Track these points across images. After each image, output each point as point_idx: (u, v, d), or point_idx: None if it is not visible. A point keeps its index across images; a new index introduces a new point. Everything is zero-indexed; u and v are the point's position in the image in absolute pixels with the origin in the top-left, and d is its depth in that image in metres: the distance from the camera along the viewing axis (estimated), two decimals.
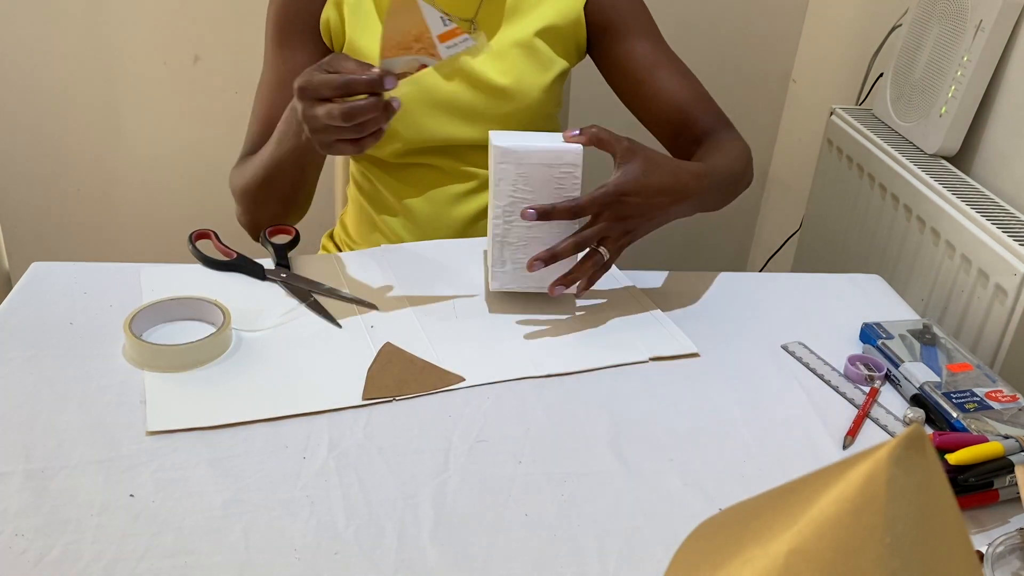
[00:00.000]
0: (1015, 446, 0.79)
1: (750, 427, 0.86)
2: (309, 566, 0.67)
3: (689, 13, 1.93)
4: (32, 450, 0.75)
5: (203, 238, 1.05)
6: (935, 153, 1.35)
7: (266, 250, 1.06)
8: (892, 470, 0.41)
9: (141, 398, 0.82)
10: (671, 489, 0.77)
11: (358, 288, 1.01)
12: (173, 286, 0.98)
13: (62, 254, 1.94)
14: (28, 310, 0.93)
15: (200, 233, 1.05)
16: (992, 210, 1.20)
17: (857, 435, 0.86)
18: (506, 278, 0.98)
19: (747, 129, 2.09)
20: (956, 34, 1.31)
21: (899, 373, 0.94)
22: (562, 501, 0.75)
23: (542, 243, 0.95)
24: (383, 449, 0.78)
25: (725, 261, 2.24)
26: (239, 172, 1.14)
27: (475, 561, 0.68)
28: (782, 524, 0.44)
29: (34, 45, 1.75)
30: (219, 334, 0.88)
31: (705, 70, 2.00)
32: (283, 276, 1.00)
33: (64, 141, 1.85)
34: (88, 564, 0.65)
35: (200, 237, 1.05)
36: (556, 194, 0.94)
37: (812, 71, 1.97)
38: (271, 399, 0.83)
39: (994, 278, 1.13)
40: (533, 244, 0.96)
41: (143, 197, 1.93)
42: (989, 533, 0.75)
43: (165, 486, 0.72)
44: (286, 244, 1.06)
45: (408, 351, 0.91)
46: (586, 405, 0.87)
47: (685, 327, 0.99)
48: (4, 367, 0.84)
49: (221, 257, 1.03)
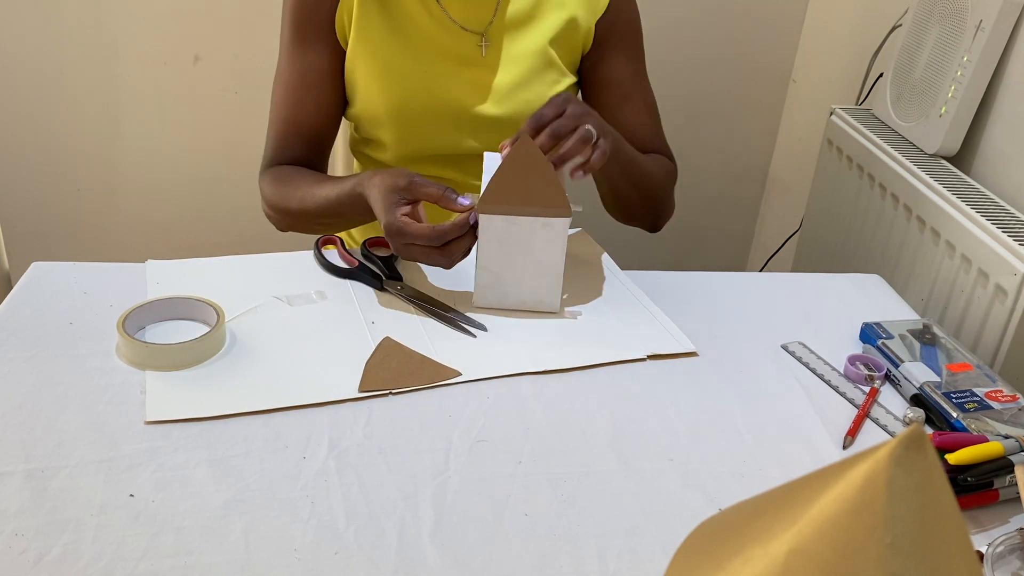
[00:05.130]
0: (1015, 446, 0.79)
1: (750, 427, 0.86)
2: (309, 566, 0.67)
3: (689, 13, 1.93)
4: (32, 450, 0.75)
5: (329, 244, 1.08)
6: (935, 153, 1.35)
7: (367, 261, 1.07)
8: (892, 470, 0.41)
9: (141, 398, 0.82)
10: (671, 489, 0.77)
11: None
12: (180, 281, 0.99)
13: (62, 254, 1.93)
14: (28, 310, 0.93)
15: (326, 239, 1.08)
16: (992, 210, 1.20)
17: (857, 435, 0.86)
18: (489, 296, 0.99)
19: (747, 129, 2.10)
20: (956, 34, 1.31)
21: (899, 373, 0.94)
22: (562, 501, 0.75)
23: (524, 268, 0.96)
24: (383, 449, 0.78)
25: (725, 261, 2.24)
26: (276, 189, 1.14)
27: (475, 561, 0.68)
28: (782, 524, 0.44)
29: (34, 45, 1.75)
30: (213, 333, 0.88)
31: (705, 70, 2.01)
32: (399, 288, 1.00)
33: (64, 141, 1.85)
34: (88, 564, 0.65)
35: (326, 243, 1.07)
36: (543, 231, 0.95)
37: (812, 71, 1.97)
38: (270, 393, 0.84)
39: (994, 278, 1.13)
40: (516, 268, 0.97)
41: (143, 197, 1.93)
42: (989, 533, 0.75)
43: (165, 486, 0.72)
44: (392, 256, 1.06)
45: (407, 346, 0.91)
46: (586, 405, 0.87)
47: (685, 327, 0.99)
48: (4, 367, 0.84)
49: (343, 264, 1.05)
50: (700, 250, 2.22)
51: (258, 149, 1.24)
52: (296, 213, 1.12)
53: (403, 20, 1.12)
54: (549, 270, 0.97)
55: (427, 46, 1.12)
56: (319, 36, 1.12)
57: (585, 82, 1.22)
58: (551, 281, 0.98)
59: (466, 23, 1.12)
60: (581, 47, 1.18)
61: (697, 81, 2.00)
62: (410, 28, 1.12)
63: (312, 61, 1.13)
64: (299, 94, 1.14)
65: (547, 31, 1.15)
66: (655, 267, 1.13)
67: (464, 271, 1.03)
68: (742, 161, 2.13)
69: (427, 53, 1.12)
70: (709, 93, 2.02)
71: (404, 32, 1.12)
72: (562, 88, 1.17)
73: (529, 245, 0.95)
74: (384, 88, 1.11)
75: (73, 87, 1.80)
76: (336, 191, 1.06)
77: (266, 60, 1.80)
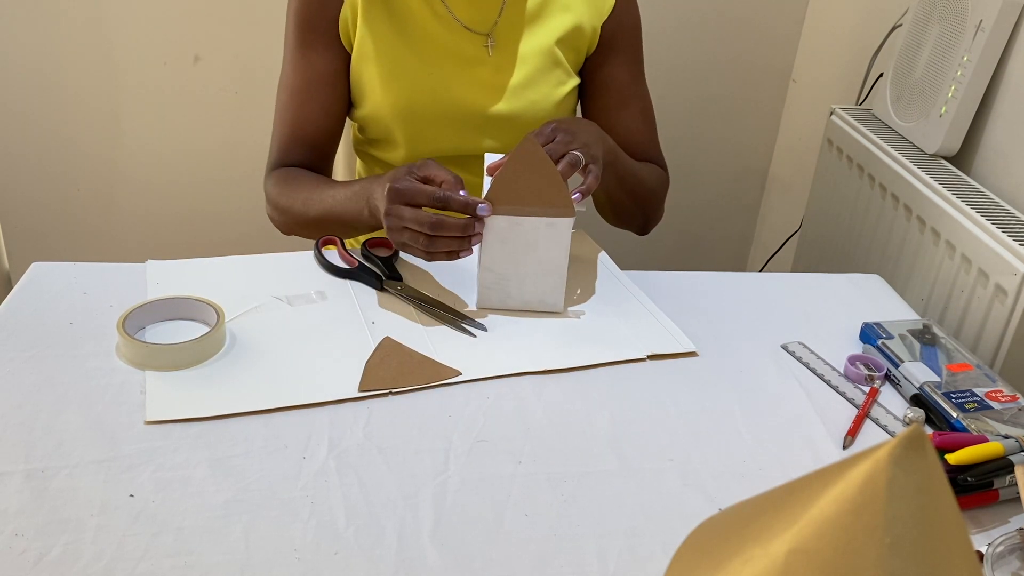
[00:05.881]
0: (1015, 446, 0.79)
1: (750, 427, 0.86)
2: (309, 566, 0.67)
3: (689, 13, 1.92)
4: (32, 450, 0.75)
5: (329, 244, 1.08)
6: (935, 153, 1.35)
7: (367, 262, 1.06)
8: (892, 470, 0.41)
9: (141, 398, 0.82)
10: (671, 489, 0.77)
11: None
12: (180, 281, 0.99)
13: (62, 254, 1.93)
14: (28, 310, 0.93)
15: (327, 240, 1.08)
16: (992, 210, 1.20)
17: (857, 435, 0.86)
18: (492, 297, 0.99)
19: (747, 129, 2.10)
20: (956, 34, 1.31)
21: (899, 373, 0.94)
22: (562, 501, 0.75)
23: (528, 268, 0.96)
24: (383, 449, 0.78)
25: (725, 261, 2.24)
26: (282, 191, 1.14)
27: (475, 561, 0.68)
28: (782, 524, 0.44)
29: (34, 45, 1.75)
30: (214, 333, 0.88)
31: (705, 70, 2.01)
32: (399, 288, 1.00)
33: (64, 141, 1.85)
34: (88, 564, 0.65)
35: (326, 243, 1.08)
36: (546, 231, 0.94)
37: (812, 71, 1.97)
38: (270, 393, 0.84)
39: (994, 278, 1.13)
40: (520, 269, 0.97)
41: (143, 197, 1.93)
42: (989, 533, 0.75)
43: (165, 486, 0.72)
44: (391, 256, 1.07)
45: (407, 346, 0.91)
46: (586, 405, 0.87)
47: (685, 327, 0.99)
48: (4, 367, 0.84)
49: (344, 264, 1.05)
50: (700, 250, 2.22)
51: (258, 149, 1.24)
52: (299, 215, 1.12)
53: (408, 21, 1.12)
54: (553, 270, 0.97)
55: (433, 46, 1.12)
56: (324, 40, 1.12)
57: (585, 84, 1.22)
58: (555, 281, 0.98)
59: (471, 24, 1.12)
60: (586, 48, 1.18)
61: (697, 81, 2.00)
62: (415, 29, 1.12)
63: (317, 65, 1.13)
64: (304, 98, 1.14)
65: (553, 32, 1.15)
66: (655, 267, 1.13)
67: (465, 271, 1.03)
68: (742, 161, 2.13)
69: (433, 54, 1.12)
70: (709, 93, 2.02)
71: (409, 33, 1.12)
72: (567, 88, 1.18)
73: (533, 245, 0.95)
74: (391, 90, 1.12)
75: (73, 87, 1.80)
76: (343, 192, 1.07)
77: (266, 60, 1.81)
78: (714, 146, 2.09)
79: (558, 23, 1.15)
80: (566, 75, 1.17)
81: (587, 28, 1.16)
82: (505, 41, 1.14)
